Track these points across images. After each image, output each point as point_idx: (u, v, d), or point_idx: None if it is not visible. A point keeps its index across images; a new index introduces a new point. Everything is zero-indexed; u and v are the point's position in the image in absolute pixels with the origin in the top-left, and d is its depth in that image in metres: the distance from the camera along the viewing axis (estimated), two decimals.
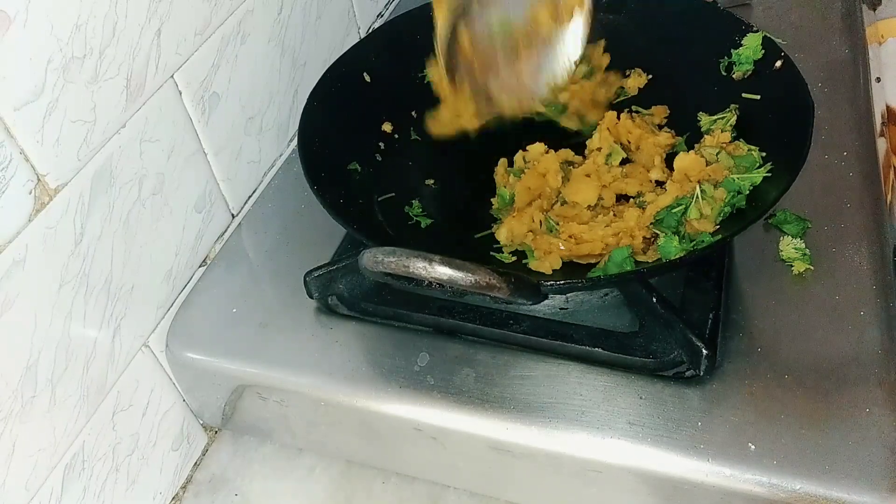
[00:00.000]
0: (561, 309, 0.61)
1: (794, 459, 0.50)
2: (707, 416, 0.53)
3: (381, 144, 0.73)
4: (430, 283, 0.48)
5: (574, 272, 0.60)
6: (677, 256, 0.56)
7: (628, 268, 0.57)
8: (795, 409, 0.52)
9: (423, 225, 0.67)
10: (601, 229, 0.61)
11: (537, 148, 0.69)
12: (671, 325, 0.55)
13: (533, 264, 0.61)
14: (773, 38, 0.65)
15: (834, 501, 0.49)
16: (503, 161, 0.70)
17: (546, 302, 0.60)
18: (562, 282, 0.53)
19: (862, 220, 0.63)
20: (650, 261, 0.59)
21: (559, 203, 0.66)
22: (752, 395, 0.53)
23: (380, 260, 0.49)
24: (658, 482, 0.53)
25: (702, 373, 0.55)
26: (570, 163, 0.69)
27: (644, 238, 0.60)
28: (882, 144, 0.78)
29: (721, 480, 0.51)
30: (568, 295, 0.61)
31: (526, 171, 0.68)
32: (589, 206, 0.65)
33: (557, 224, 0.64)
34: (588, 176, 0.66)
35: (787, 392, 0.53)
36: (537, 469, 0.57)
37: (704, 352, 0.53)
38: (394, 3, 1.02)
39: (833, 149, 0.68)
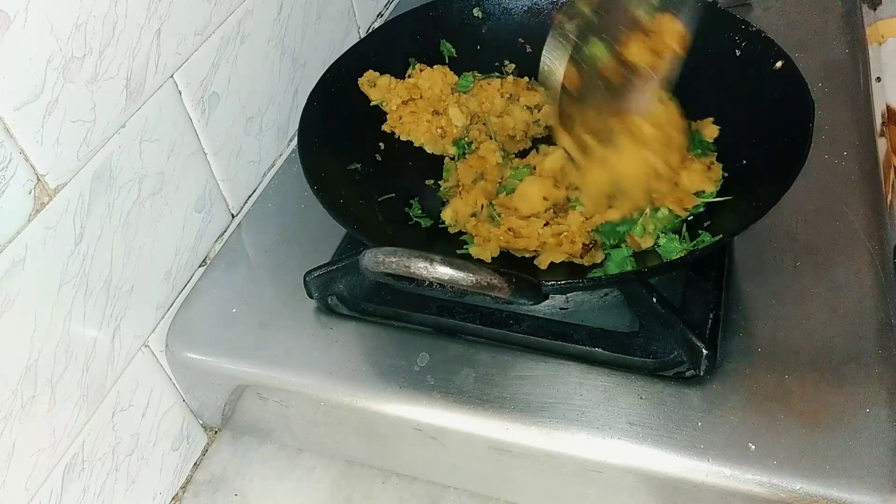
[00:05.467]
0: (561, 309, 0.61)
1: (794, 459, 0.50)
2: (707, 416, 0.53)
3: (381, 144, 0.73)
4: (431, 283, 0.48)
5: (574, 272, 0.60)
6: (678, 256, 0.56)
7: (628, 268, 0.57)
8: (795, 409, 0.52)
9: (423, 225, 0.67)
10: (540, 227, 0.63)
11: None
12: (671, 325, 0.55)
13: (473, 251, 0.62)
14: (772, 38, 0.65)
15: (834, 501, 0.49)
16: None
17: (546, 302, 0.60)
18: (563, 282, 0.53)
19: (862, 220, 0.63)
20: (587, 264, 0.60)
21: (504, 192, 0.67)
22: (752, 395, 0.54)
23: (381, 260, 0.49)
24: (658, 482, 0.53)
25: (702, 373, 0.55)
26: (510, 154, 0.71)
27: (583, 244, 0.61)
28: (882, 144, 0.78)
29: (721, 480, 0.51)
30: (568, 295, 0.61)
31: (468, 154, 0.71)
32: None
33: (499, 215, 0.65)
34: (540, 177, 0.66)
35: (787, 392, 0.53)
36: (537, 469, 0.57)
37: (704, 352, 0.53)
38: (394, 3, 1.02)
39: (833, 149, 0.68)
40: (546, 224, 0.63)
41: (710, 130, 0.67)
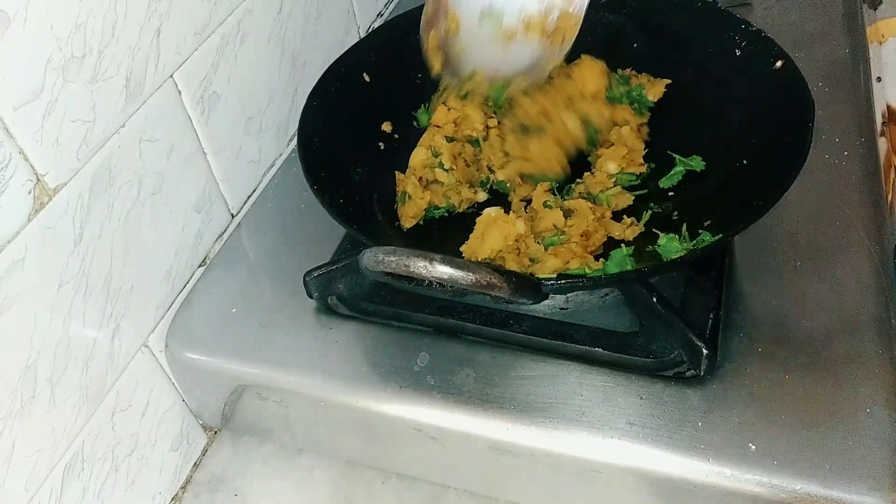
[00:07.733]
0: (561, 309, 0.61)
1: (794, 459, 0.50)
2: (707, 417, 0.53)
3: (381, 144, 0.73)
4: (431, 282, 0.48)
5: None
6: (678, 256, 0.56)
7: (628, 267, 0.57)
8: (795, 409, 0.52)
9: (423, 225, 0.67)
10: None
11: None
12: (671, 324, 0.55)
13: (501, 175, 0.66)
14: (772, 37, 0.65)
15: (834, 501, 0.49)
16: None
17: (546, 302, 0.60)
18: (562, 281, 0.53)
19: (862, 220, 0.63)
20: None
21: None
22: (752, 395, 0.53)
23: (380, 259, 0.49)
24: (658, 482, 0.53)
25: (702, 373, 0.54)
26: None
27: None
28: (882, 144, 0.78)
29: (721, 481, 0.51)
30: (568, 295, 0.61)
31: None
32: None
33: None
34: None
35: (787, 392, 0.53)
36: (537, 469, 0.57)
37: (705, 352, 0.53)
38: (394, 3, 1.02)
39: (833, 149, 0.68)
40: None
41: (655, 90, 0.69)
